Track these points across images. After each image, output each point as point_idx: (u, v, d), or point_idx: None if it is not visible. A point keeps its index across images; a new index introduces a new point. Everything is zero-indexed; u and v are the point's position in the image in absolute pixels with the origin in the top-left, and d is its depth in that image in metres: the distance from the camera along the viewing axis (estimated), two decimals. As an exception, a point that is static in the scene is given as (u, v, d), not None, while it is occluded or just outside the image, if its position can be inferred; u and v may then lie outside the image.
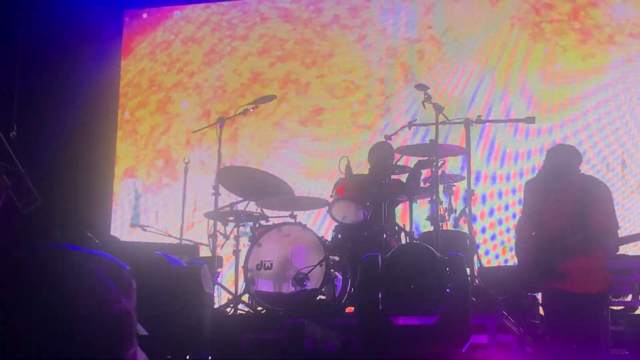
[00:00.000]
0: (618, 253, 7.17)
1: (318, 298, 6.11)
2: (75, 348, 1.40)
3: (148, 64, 9.83)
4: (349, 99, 9.12)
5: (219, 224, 6.71)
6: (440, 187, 6.26)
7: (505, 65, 8.63)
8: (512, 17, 8.73)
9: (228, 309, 6.39)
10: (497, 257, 8.12)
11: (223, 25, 9.68)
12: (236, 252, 6.73)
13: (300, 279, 6.02)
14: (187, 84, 9.67)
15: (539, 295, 5.82)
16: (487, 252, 8.11)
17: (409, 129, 6.76)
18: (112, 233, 8.91)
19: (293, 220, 6.55)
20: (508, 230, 8.04)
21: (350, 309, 6.23)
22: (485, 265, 7.34)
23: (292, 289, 6.06)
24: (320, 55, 9.31)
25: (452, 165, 7.49)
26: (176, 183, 9.07)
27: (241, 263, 6.44)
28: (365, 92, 9.08)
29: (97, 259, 1.49)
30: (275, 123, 9.19)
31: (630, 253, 7.36)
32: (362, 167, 7.42)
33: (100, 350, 1.43)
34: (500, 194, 8.36)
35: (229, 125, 7.88)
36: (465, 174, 6.36)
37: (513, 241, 5.84)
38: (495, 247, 8.20)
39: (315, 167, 8.89)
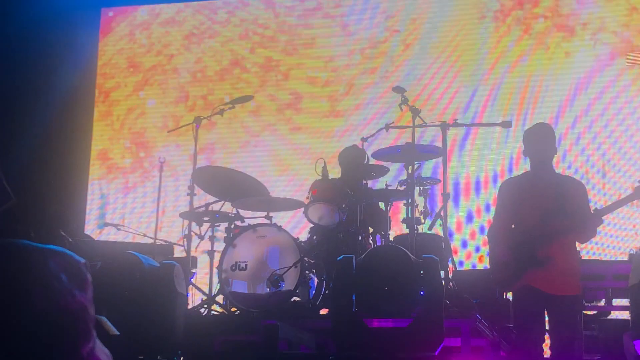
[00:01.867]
0: (592, 258, 7.25)
1: (292, 300, 6.08)
2: (29, 343, 1.39)
3: (127, 45, 9.76)
4: (329, 88, 9.09)
5: (193, 224, 6.68)
6: (417, 190, 6.27)
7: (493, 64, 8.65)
8: (498, 11, 8.75)
9: (202, 310, 6.36)
10: (473, 266, 8.11)
11: (204, 8, 9.62)
12: (211, 253, 6.70)
13: (274, 280, 5.99)
14: (165, 66, 9.62)
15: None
16: (464, 256, 8.11)
17: (387, 131, 6.75)
18: (86, 232, 8.85)
19: (269, 221, 6.53)
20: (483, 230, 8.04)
21: (325, 311, 6.22)
22: (461, 268, 7.34)
23: (267, 290, 6.04)
24: (302, 42, 9.27)
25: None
26: (150, 183, 9.03)
27: (216, 264, 6.41)
28: (346, 81, 9.05)
29: (50, 253, 1.48)
30: (252, 111, 9.15)
31: (604, 258, 7.42)
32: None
33: (55, 345, 1.42)
34: (478, 197, 8.37)
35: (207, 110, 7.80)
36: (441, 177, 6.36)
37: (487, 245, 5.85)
38: (470, 254, 8.20)
39: (292, 158, 8.90)
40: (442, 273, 5.71)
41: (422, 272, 4.41)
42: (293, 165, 8.86)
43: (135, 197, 9.25)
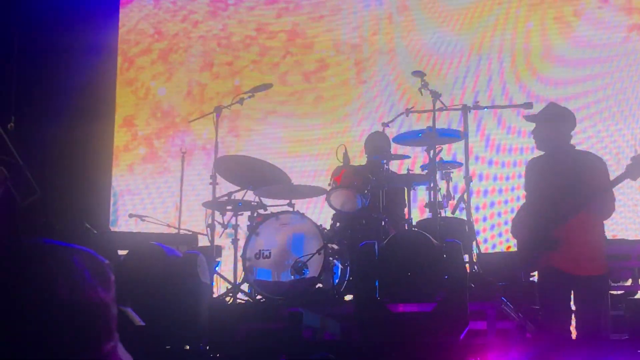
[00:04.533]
0: (618, 238, 7.19)
1: (317, 286, 6.09)
2: (51, 337, 1.41)
3: (152, 10, 9.74)
4: (355, 55, 9.04)
5: (216, 213, 6.71)
6: (438, 174, 6.25)
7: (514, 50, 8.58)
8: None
9: (227, 298, 6.38)
10: (494, 246, 8.06)
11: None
12: (235, 242, 6.72)
13: (298, 267, 6.01)
14: (190, 33, 9.60)
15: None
16: (485, 241, 8.06)
17: (407, 115, 6.73)
18: (111, 223, 8.90)
19: (291, 209, 6.54)
20: (506, 222, 7.98)
21: (349, 297, 6.22)
22: (484, 251, 7.31)
23: (291, 277, 6.05)
24: (328, 8, 9.21)
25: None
26: (173, 174, 9.05)
27: (240, 252, 6.43)
28: (372, 48, 8.99)
29: (74, 251, 1.50)
30: (279, 76, 9.13)
31: (630, 238, 7.35)
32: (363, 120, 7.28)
33: (77, 339, 1.43)
34: (501, 179, 8.30)
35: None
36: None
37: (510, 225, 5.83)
38: (494, 237, 8.15)
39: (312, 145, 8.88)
40: (466, 257, 5.71)
41: (445, 256, 4.39)
42: (314, 152, 8.84)
43: (158, 186, 9.29)
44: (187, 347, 4.81)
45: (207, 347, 4.88)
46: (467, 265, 5.43)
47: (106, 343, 1.48)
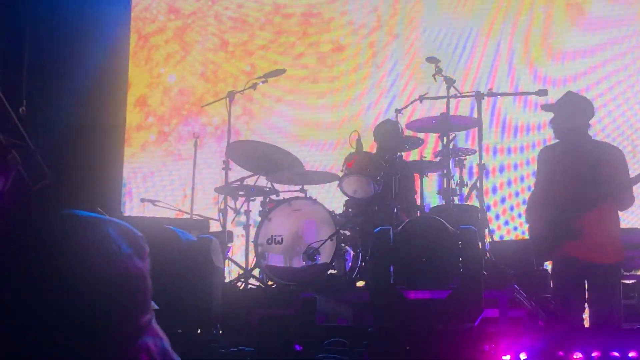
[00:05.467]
0: (630, 227, 7.16)
1: (329, 272, 6.09)
2: (89, 310, 1.38)
3: None
4: (371, 37, 8.99)
5: (229, 198, 6.70)
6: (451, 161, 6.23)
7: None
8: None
9: (239, 284, 6.38)
10: (504, 234, 8.02)
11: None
12: (246, 227, 6.72)
13: (310, 253, 6.00)
14: (206, 11, 9.56)
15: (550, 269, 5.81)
16: (499, 228, 8.03)
17: (420, 102, 6.70)
18: (122, 208, 8.91)
19: (303, 195, 6.53)
20: (519, 205, 7.95)
21: (361, 284, 6.22)
22: (497, 239, 7.29)
23: (303, 263, 6.05)
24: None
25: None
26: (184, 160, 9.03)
27: (252, 238, 6.42)
28: (387, 31, 8.93)
29: (109, 223, 1.48)
30: (294, 58, 9.10)
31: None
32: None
33: (114, 312, 1.41)
34: (515, 167, 8.26)
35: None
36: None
37: (524, 213, 5.82)
38: (507, 222, 8.12)
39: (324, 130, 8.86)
40: (479, 244, 5.69)
41: (460, 242, 4.38)
42: (327, 138, 8.81)
43: (171, 171, 9.27)
44: (199, 332, 4.81)
45: (220, 332, 4.88)
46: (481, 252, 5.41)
47: (143, 316, 1.46)
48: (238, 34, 9.36)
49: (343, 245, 6.15)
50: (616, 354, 4.21)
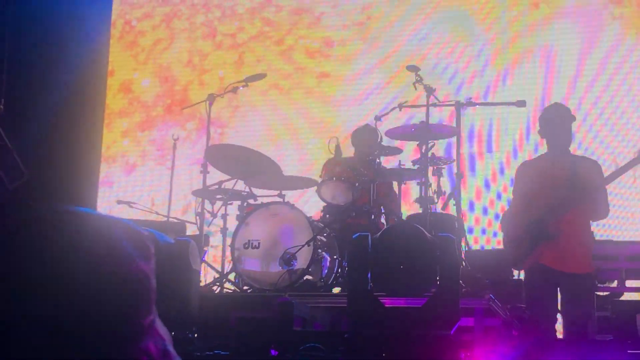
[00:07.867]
0: (604, 239, 7.23)
1: (305, 278, 6.08)
2: (93, 309, 1.37)
3: None
4: (362, 33, 8.99)
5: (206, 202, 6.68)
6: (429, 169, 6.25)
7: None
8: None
9: (214, 287, 6.36)
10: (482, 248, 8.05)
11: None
12: (223, 231, 6.70)
13: (287, 258, 5.99)
14: (195, 0, 9.53)
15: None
16: (475, 232, 8.06)
17: (400, 110, 6.72)
18: (98, 209, 8.85)
19: (281, 200, 6.52)
20: (497, 216, 7.98)
21: (337, 290, 6.22)
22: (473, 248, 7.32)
23: (280, 268, 6.04)
24: None
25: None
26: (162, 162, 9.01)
27: (229, 242, 6.40)
28: (378, 26, 8.94)
29: (114, 222, 1.46)
30: (281, 52, 9.09)
31: (617, 239, 7.39)
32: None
33: (118, 312, 1.40)
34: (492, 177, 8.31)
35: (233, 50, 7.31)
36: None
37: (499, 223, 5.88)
38: (483, 233, 8.16)
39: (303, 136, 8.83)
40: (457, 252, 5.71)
41: (438, 250, 4.40)
42: (306, 143, 8.82)
43: (147, 173, 9.24)
44: (173, 334, 4.78)
45: (196, 335, 4.86)
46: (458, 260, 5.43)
47: (147, 316, 1.45)
48: (226, 24, 9.32)
49: (320, 251, 6.15)
50: (589, 365, 4.25)
